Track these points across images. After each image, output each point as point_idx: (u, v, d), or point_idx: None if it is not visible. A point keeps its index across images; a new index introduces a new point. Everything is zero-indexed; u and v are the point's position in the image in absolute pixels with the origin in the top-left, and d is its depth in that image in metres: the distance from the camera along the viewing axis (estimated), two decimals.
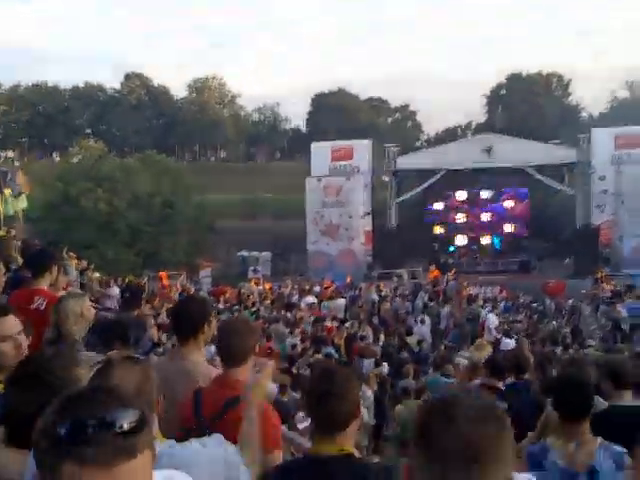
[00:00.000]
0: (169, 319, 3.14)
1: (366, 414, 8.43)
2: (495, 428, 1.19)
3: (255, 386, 2.26)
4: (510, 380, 5.42)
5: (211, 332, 3.21)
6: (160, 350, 6.15)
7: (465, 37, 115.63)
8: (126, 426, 1.03)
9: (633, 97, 67.72)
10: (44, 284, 4.07)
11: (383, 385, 11.05)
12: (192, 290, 19.40)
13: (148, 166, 36.55)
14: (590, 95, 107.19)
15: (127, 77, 70.40)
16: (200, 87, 74.06)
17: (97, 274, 18.24)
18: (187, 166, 49.50)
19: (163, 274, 23.38)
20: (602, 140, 30.11)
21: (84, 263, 17.92)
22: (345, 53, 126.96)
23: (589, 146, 29.84)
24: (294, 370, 9.33)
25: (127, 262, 31.18)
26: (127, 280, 16.58)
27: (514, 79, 69.51)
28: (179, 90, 78.27)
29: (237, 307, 17.12)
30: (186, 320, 3.13)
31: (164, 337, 8.12)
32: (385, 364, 11.21)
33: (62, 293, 4.15)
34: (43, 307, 3.82)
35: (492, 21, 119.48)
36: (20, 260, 6.57)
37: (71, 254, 17.39)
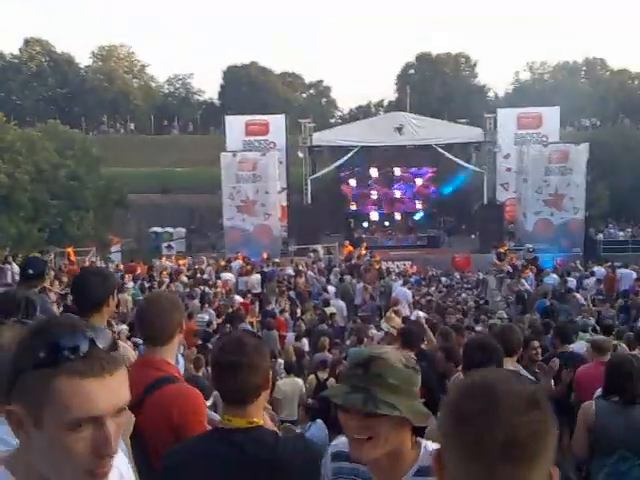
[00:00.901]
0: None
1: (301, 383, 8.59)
2: (543, 418, 1.09)
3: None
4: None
5: (113, 306, 3.04)
6: None
7: (377, 17, 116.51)
8: (107, 344, 1.20)
9: (534, 78, 71.00)
10: None
11: (300, 359, 11.22)
12: (103, 266, 18.81)
13: (52, 137, 34.73)
14: (495, 76, 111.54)
15: (27, 43, 66.24)
16: (106, 55, 70.82)
17: None
18: (94, 138, 47.32)
19: (70, 250, 22.53)
20: (506, 120, 31.47)
21: None
22: (258, 27, 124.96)
23: (495, 126, 31.09)
24: (210, 346, 9.31)
25: (31, 238, 29.70)
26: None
27: (423, 59, 71.10)
28: (84, 58, 74.47)
29: (148, 284, 16.79)
30: (87, 293, 2.93)
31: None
32: (305, 339, 11.38)
33: None
34: None
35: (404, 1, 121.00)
36: None
37: None
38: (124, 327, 10.88)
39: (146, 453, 2.38)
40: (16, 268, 12.69)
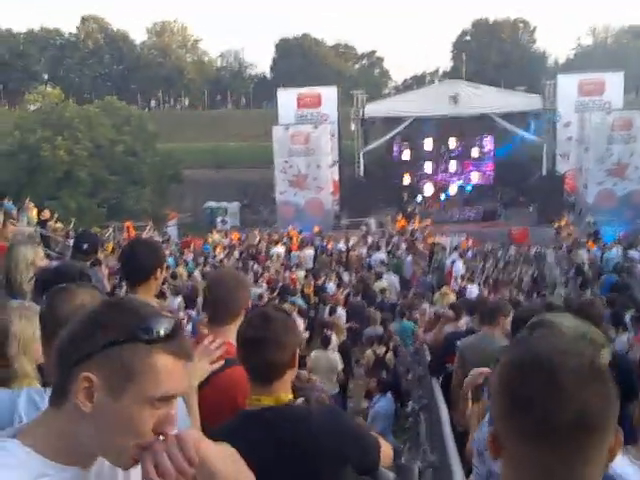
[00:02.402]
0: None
1: (337, 359, 8.57)
2: (607, 387, 1.04)
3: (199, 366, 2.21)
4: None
5: (161, 279, 2.99)
6: None
7: None
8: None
9: (596, 43, 67.94)
10: None
11: (350, 333, 11.20)
12: (160, 241, 19.17)
13: (109, 113, 35.46)
14: (555, 42, 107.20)
15: (83, 20, 67.50)
16: (160, 31, 71.51)
17: (60, 224, 17.85)
18: (150, 114, 48.14)
19: (129, 224, 23.06)
20: (567, 87, 30.16)
21: (46, 213, 17.53)
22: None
23: (555, 93, 29.90)
24: None
25: (90, 213, 30.57)
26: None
27: (480, 25, 68.90)
28: (139, 34, 75.41)
29: (202, 259, 17.02)
30: (135, 264, 2.90)
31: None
32: (342, 311, 11.45)
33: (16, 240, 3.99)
34: None
35: None
36: None
37: (31, 204, 16.95)
38: (179, 299, 11.08)
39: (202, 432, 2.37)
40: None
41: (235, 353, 2.47)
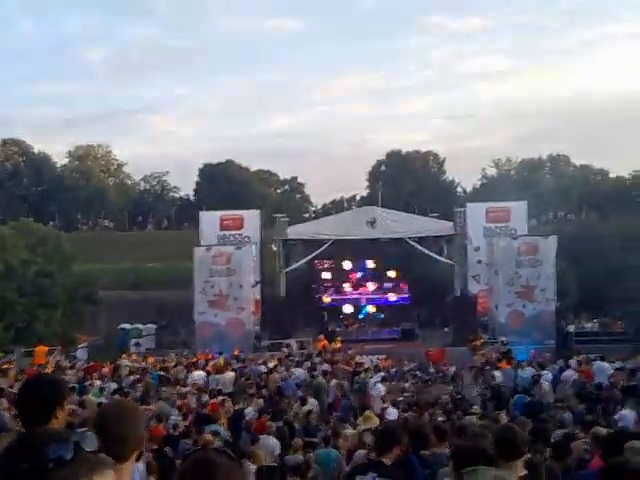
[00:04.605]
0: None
1: None
2: None
3: None
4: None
5: (64, 417, 2.73)
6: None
7: (347, 116, 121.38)
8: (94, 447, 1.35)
9: (500, 174, 73.82)
10: None
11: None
12: (67, 366, 18.20)
13: (23, 234, 34.57)
14: (463, 172, 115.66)
15: (4, 143, 67.32)
16: (83, 155, 72.13)
17: None
18: (68, 235, 47.26)
19: (40, 348, 21.83)
20: (475, 214, 32.27)
21: None
22: (233, 126, 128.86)
23: (465, 219, 31.80)
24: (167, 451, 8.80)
25: None
26: None
27: (393, 156, 73.79)
28: (60, 157, 75.36)
29: (114, 385, 16.17)
30: (33, 404, 2.62)
31: None
32: (277, 443, 10.93)
33: None
34: None
35: (371, 103, 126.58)
36: None
37: None
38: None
39: None
40: None
41: None
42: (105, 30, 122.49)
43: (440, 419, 12.36)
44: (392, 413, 12.80)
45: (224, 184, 65.90)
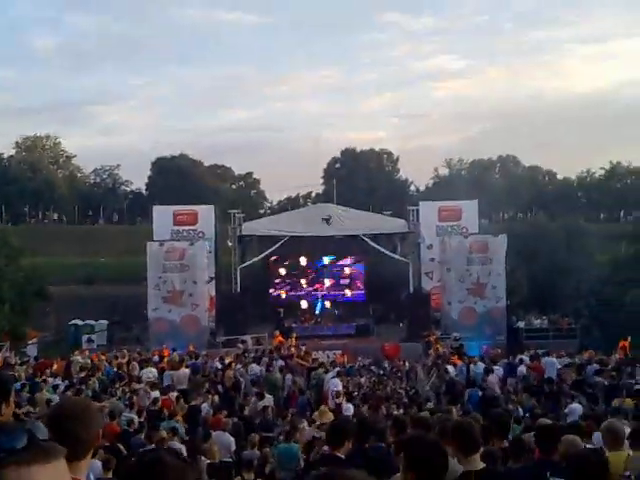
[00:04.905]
0: None
1: None
2: None
3: None
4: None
5: (9, 415, 2.70)
6: None
7: (303, 112, 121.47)
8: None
9: (452, 174, 75.18)
10: None
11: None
12: (17, 362, 17.73)
13: None
14: (416, 171, 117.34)
15: None
16: (31, 146, 70.03)
17: None
18: (15, 228, 45.88)
19: None
20: (428, 213, 32.78)
21: None
22: (187, 120, 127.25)
23: (417, 218, 32.28)
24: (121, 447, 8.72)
25: None
26: None
27: (348, 154, 74.23)
28: (7, 149, 72.83)
29: (65, 382, 15.85)
30: None
31: None
32: (232, 439, 10.91)
33: None
34: None
35: (328, 99, 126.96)
36: None
37: None
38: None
39: None
40: None
41: None
42: (56, 17, 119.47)
43: (396, 413, 12.57)
44: (348, 408, 12.95)
45: (177, 178, 65.01)
